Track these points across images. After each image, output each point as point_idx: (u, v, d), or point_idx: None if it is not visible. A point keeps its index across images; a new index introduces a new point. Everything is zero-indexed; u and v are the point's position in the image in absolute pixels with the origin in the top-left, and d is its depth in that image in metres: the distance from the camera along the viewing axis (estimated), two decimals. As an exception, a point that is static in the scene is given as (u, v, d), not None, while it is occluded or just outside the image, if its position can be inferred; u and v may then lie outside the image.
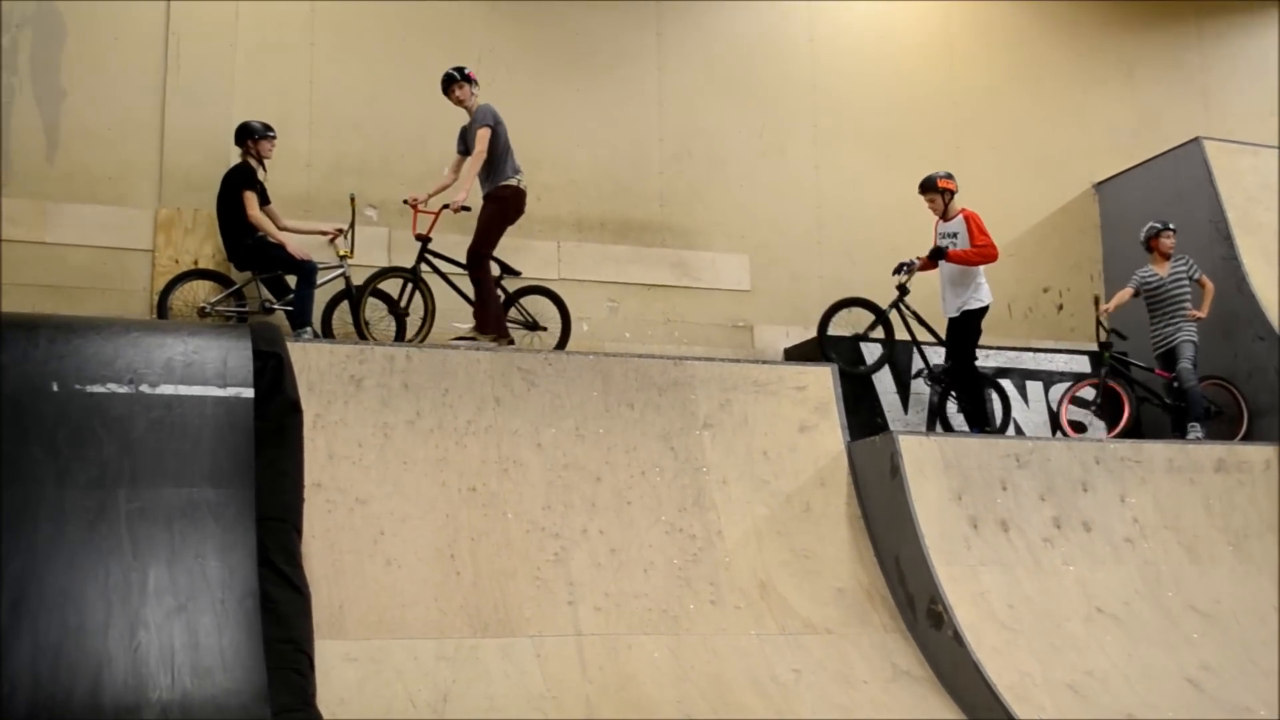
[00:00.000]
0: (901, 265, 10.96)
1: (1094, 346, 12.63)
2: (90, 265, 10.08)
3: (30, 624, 5.86)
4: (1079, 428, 11.48)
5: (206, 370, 7.17)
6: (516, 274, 10.46)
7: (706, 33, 12.40)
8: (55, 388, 6.74)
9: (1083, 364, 12.39)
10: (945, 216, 10.78)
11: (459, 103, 10.07)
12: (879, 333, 11.08)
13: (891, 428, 10.98)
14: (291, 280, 9.92)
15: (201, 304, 9.78)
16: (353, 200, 10.31)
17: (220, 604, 6.28)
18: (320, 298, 9.96)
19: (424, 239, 10.15)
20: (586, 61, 11.90)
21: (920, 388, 11.54)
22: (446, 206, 9.97)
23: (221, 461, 6.85)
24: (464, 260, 9.99)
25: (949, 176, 10.80)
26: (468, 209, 9.91)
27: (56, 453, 6.50)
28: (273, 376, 7.29)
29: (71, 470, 6.47)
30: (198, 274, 9.99)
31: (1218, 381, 11.62)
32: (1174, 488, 9.95)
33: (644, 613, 8.17)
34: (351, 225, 10.26)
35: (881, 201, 12.55)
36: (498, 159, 9.95)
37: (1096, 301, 11.65)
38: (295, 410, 7.37)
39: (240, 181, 9.89)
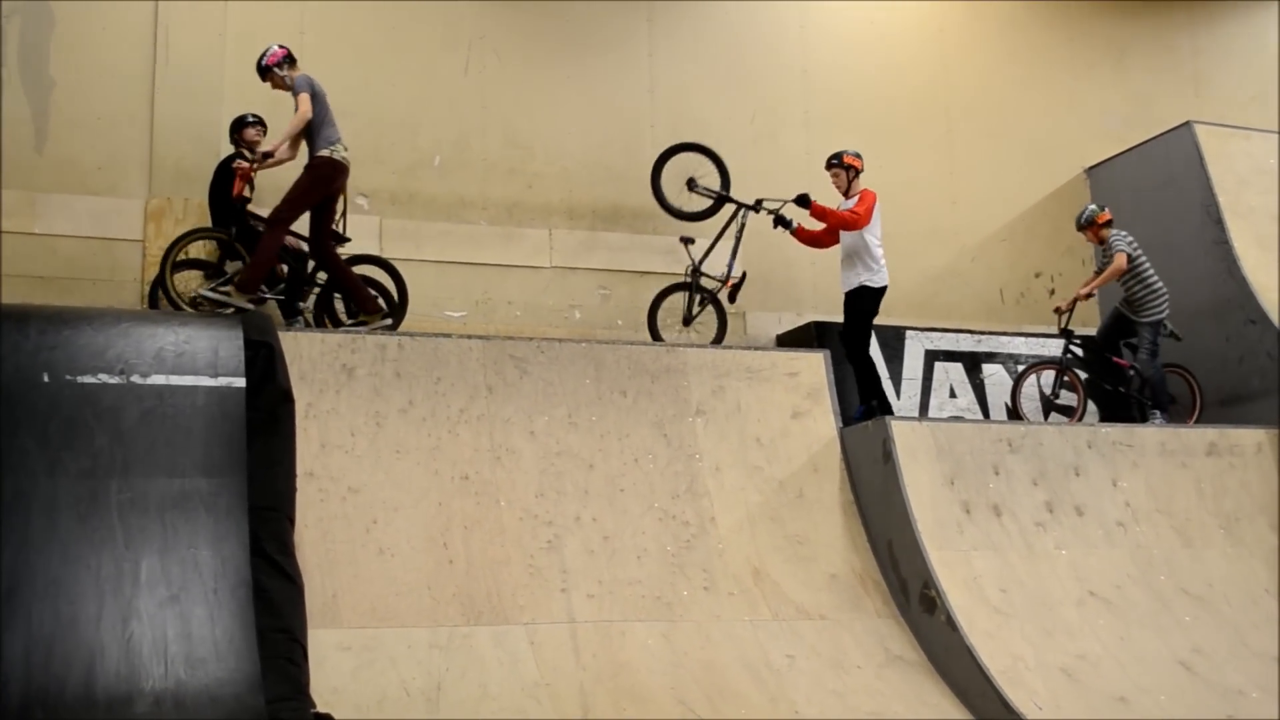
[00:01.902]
0: (778, 220, 10.66)
1: (1089, 331, 12.67)
2: (80, 256, 10.06)
3: (23, 615, 5.87)
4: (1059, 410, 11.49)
5: (198, 360, 7.17)
6: (346, 240, 9.98)
7: (697, 19, 12.38)
8: (46, 378, 6.73)
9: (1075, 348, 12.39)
10: (847, 194, 10.60)
11: (280, 87, 9.64)
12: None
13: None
14: (283, 269, 9.91)
15: (193, 294, 9.76)
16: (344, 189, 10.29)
17: (213, 594, 6.28)
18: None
19: (243, 200, 9.66)
20: (577, 48, 11.88)
21: (913, 373, 11.56)
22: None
23: (214, 451, 6.86)
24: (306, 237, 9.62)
25: (856, 155, 10.65)
26: (271, 155, 9.41)
27: (48, 443, 6.50)
28: (264, 366, 7.29)
29: (63, 461, 6.47)
30: (188, 264, 9.95)
31: (1174, 368, 11.61)
32: (1166, 471, 9.97)
33: (637, 600, 8.18)
34: (343, 214, 10.23)
35: (873, 186, 12.47)
36: (314, 128, 9.42)
37: (1072, 302, 11.49)
38: (287, 399, 7.37)
39: (227, 168, 9.89)
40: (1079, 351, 11.45)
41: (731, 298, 10.68)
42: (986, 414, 11.71)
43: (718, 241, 10.66)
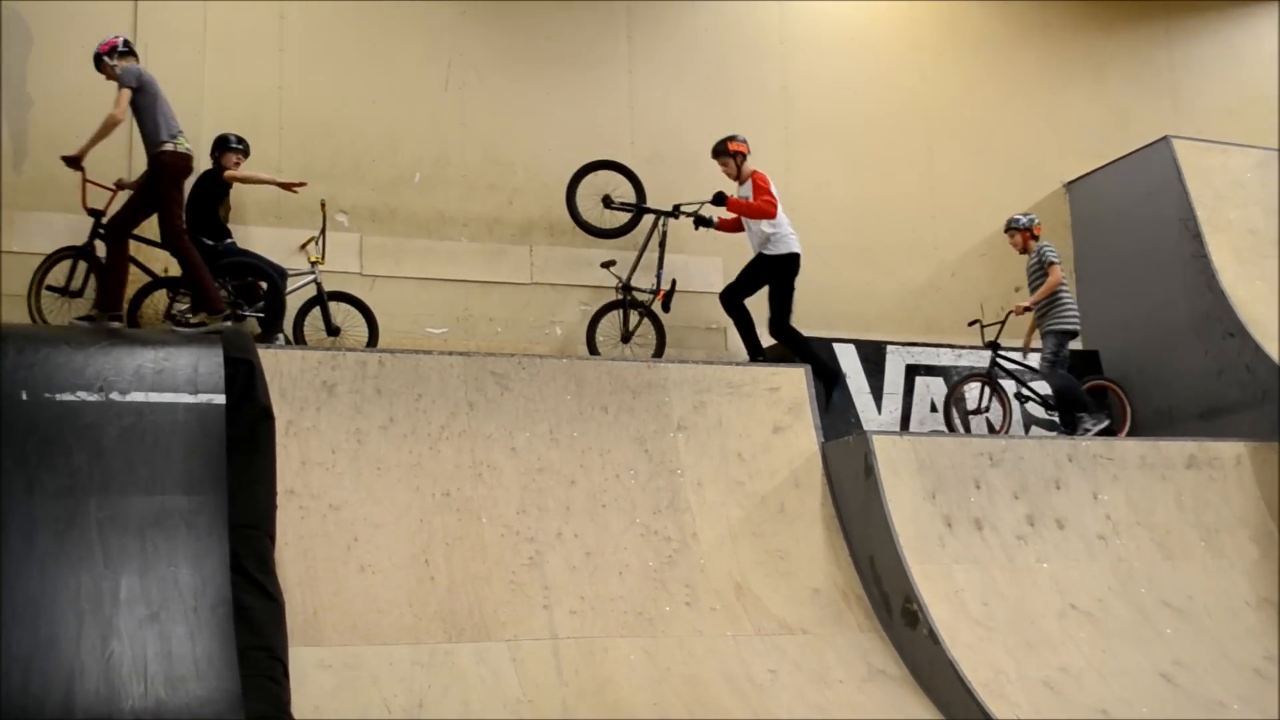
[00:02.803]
0: (699, 221, 11.04)
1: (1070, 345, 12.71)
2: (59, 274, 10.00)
3: (1, 635, 5.83)
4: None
5: (177, 377, 7.15)
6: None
7: (677, 35, 12.41)
8: (24, 396, 6.70)
9: (1055, 362, 12.43)
10: (739, 180, 10.90)
11: (111, 77, 9.41)
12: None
13: (865, 428, 11.00)
14: (263, 286, 9.90)
15: (172, 312, 9.74)
16: (323, 206, 10.29)
17: (193, 612, 6.25)
18: (292, 304, 9.93)
19: (97, 214, 9.56)
20: (557, 64, 11.89)
21: (894, 388, 11.58)
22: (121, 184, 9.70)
23: (193, 469, 6.83)
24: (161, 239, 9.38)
25: (740, 139, 10.90)
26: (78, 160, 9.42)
27: (26, 462, 6.46)
28: (244, 383, 7.27)
29: (41, 479, 6.44)
30: (168, 282, 9.94)
31: (1105, 382, 11.62)
32: (1146, 484, 10.00)
33: (620, 615, 8.18)
34: (323, 231, 10.24)
35: (853, 202, 12.58)
36: (150, 123, 9.12)
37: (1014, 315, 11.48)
38: (267, 417, 7.36)
39: (216, 191, 9.89)
40: (1006, 364, 11.46)
41: (665, 307, 10.92)
42: (967, 428, 11.72)
43: (643, 254, 10.99)
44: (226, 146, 10.01)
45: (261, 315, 9.77)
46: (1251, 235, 12.20)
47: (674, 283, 11.00)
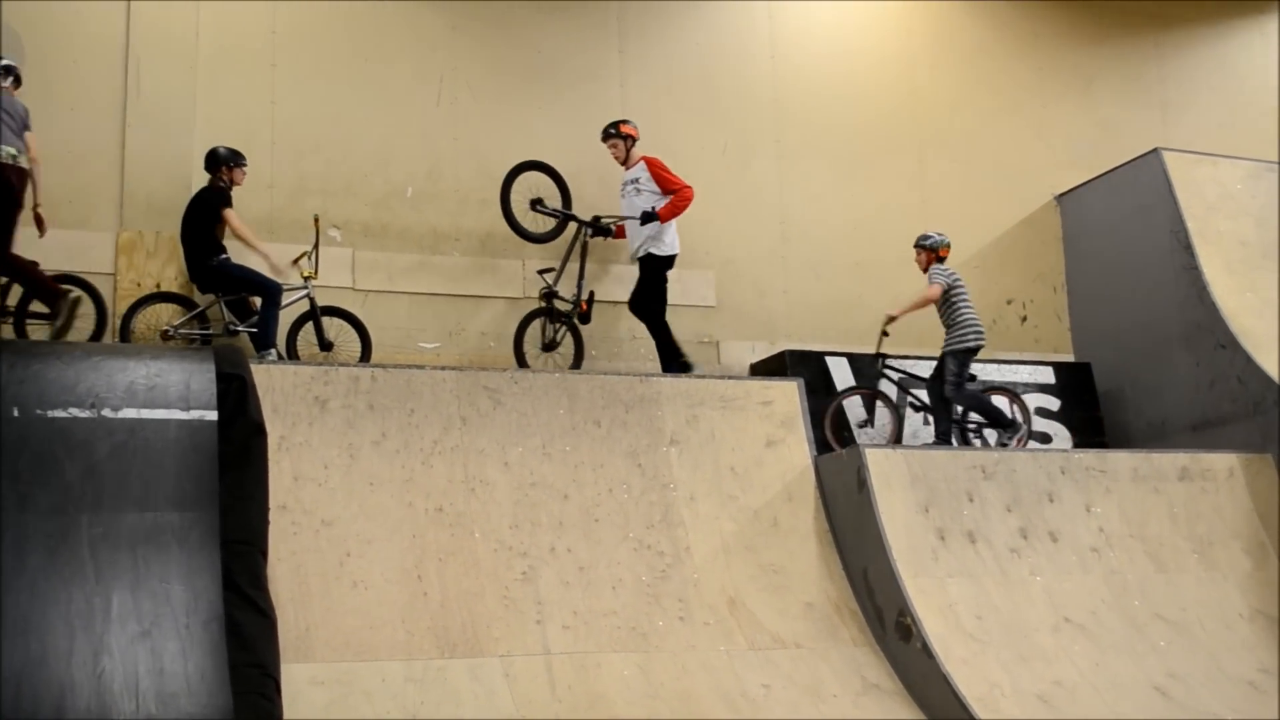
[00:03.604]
0: (601, 229, 11.10)
1: (1062, 357, 12.74)
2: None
3: (-7, 652, 5.81)
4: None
5: (170, 393, 7.13)
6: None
7: (668, 49, 12.42)
8: (16, 413, 6.68)
9: (1047, 375, 12.45)
10: (626, 164, 10.92)
11: None
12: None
13: (858, 441, 11.00)
14: (256, 302, 9.90)
15: (164, 327, 9.74)
16: (316, 221, 10.29)
17: (185, 629, 6.23)
18: (284, 319, 9.92)
19: None
20: (549, 79, 11.90)
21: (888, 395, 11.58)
22: None
23: (185, 485, 6.81)
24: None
25: (629, 122, 10.96)
26: None
27: (17, 478, 6.44)
28: (236, 399, 7.25)
29: (33, 495, 6.42)
30: (160, 297, 9.94)
31: (998, 389, 11.54)
32: (1139, 497, 10.01)
33: (613, 630, 8.16)
34: (315, 246, 10.23)
35: (845, 216, 12.60)
36: None
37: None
38: (260, 432, 7.34)
39: (218, 201, 9.88)
40: (893, 375, 11.29)
41: (584, 319, 10.91)
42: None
43: (566, 263, 10.97)
44: (222, 162, 10.00)
45: (254, 330, 9.77)
46: (1242, 247, 12.23)
47: (592, 294, 10.99)
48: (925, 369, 11.50)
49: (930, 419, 11.18)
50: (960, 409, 10.89)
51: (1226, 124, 14.31)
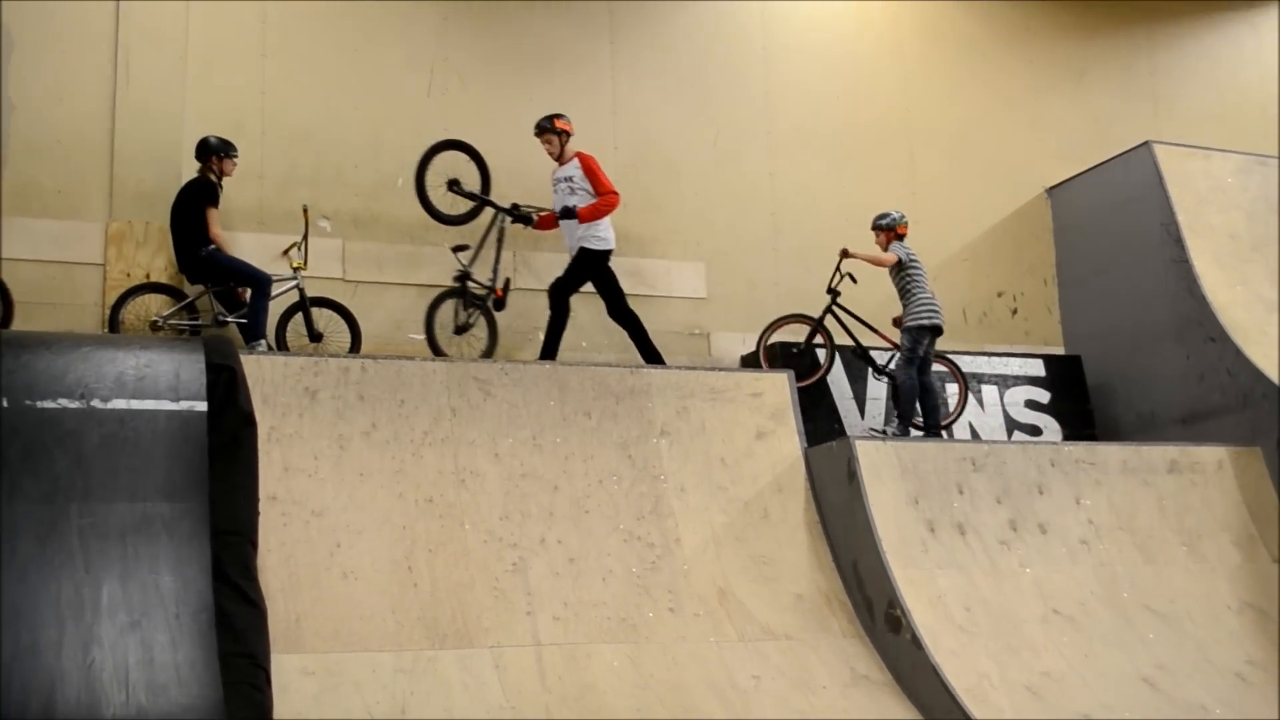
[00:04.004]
0: (522, 217, 10.83)
1: (1052, 350, 12.74)
2: (40, 280, 9.97)
3: (-19, 642, 5.80)
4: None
5: (159, 384, 7.10)
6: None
7: (660, 41, 12.42)
8: (5, 403, 6.66)
9: (1037, 367, 12.47)
10: (560, 160, 10.71)
11: None
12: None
13: (848, 433, 11.01)
14: (245, 293, 9.89)
15: (154, 318, 9.73)
16: (305, 211, 10.27)
17: (175, 619, 6.21)
18: (274, 310, 9.91)
19: None
20: (539, 70, 11.89)
21: (877, 393, 11.59)
22: None
23: (175, 476, 6.78)
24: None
25: (564, 118, 10.73)
26: None
27: (7, 468, 6.42)
28: (226, 390, 7.22)
29: (22, 486, 6.39)
30: (150, 287, 9.92)
31: (942, 359, 11.34)
32: (1128, 489, 10.03)
33: (603, 621, 8.17)
34: (305, 237, 10.22)
35: (836, 208, 12.60)
36: None
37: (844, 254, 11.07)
38: (249, 423, 7.31)
39: (203, 197, 9.85)
40: (840, 314, 11.13)
41: (499, 305, 10.69)
42: (950, 433, 11.75)
43: (483, 244, 10.75)
44: (212, 151, 9.98)
45: (244, 321, 9.75)
46: (1232, 240, 12.26)
47: (508, 281, 10.82)
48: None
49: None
50: (897, 382, 10.78)
51: (1217, 117, 14.35)
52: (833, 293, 11.11)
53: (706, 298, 12.01)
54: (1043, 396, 12.30)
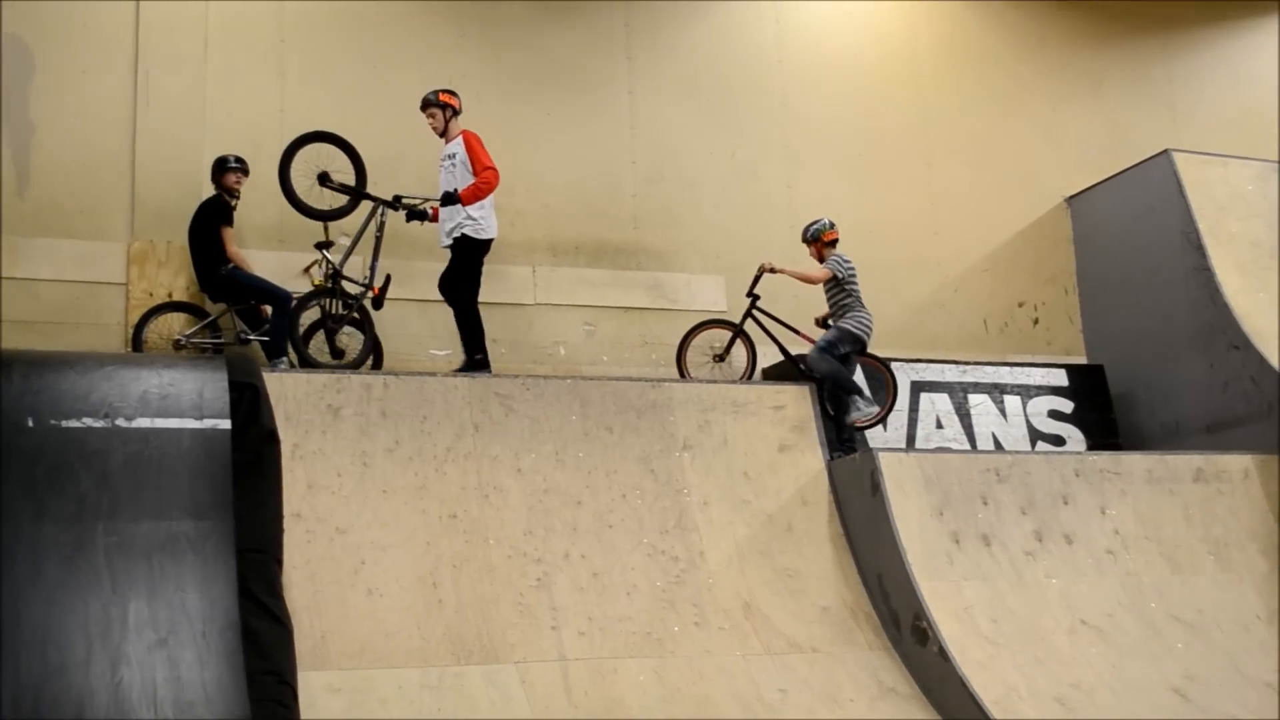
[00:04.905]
0: (417, 214, 10.30)
1: (1074, 360, 12.69)
2: (63, 300, 10.02)
3: (10, 662, 5.80)
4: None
5: (183, 403, 7.11)
6: None
7: (677, 55, 12.43)
8: (30, 423, 6.68)
9: (1060, 377, 12.42)
10: (446, 136, 10.35)
11: None
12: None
13: (870, 445, 10.97)
14: (267, 310, 9.91)
15: (177, 336, 9.75)
16: (326, 229, 10.28)
17: (201, 637, 6.21)
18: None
19: None
20: (557, 85, 11.91)
21: (899, 404, 11.55)
22: None
23: (200, 494, 6.79)
24: None
25: (451, 93, 10.36)
26: None
27: (33, 488, 6.43)
28: (249, 407, 7.23)
29: (48, 505, 6.41)
30: (172, 306, 9.95)
31: (870, 359, 11.03)
32: (1154, 498, 9.98)
33: (628, 636, 8.15)
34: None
35: (854, 219, 12.51)
36: None
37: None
38: (273, 441, 7.32)
39: (217, 216, 9.89)
40: (760, 317, 10.91)
41: (377, 304, 10.19)
42: (973, 444, 11.71)
43: (358, 241, 10.26)
44: (225, 168, 10.02)
45: (265, 339, 9.77)
46: (1254, 247, 12.21)
47: (388, 278, 10.21)
48: (926, 370, 11.53)
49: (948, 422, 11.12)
50: (819, 374, 10.47)
51: (1236, 124, 14.31)
52: (752, 296, 10.93)
53: (726, 311, 11.97)
54: (1066, 406, 12.25)
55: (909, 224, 12.84)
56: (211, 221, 9.91)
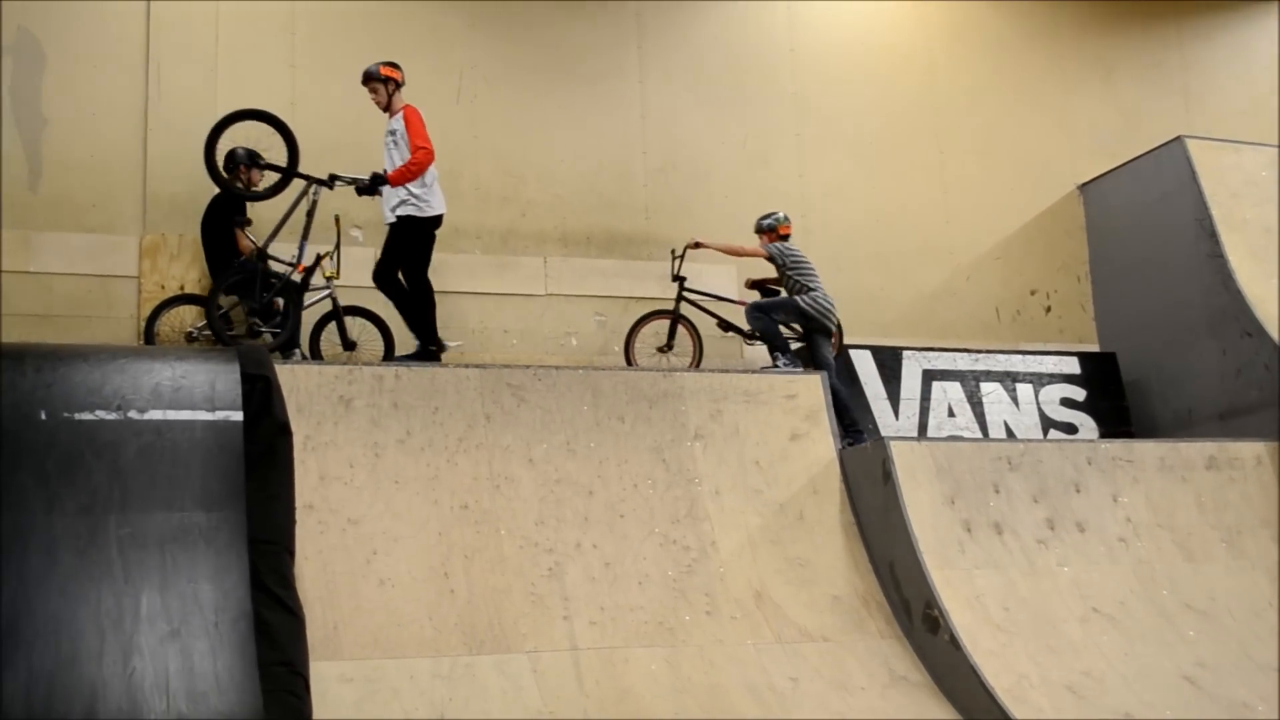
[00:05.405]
0: (361, 189, 10.05)
1: (1087, 347, 12.68)
2: (76, 293, 10.07)
3: (23, 653, 5.84)
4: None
5: (195, 394, 7.14)
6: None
7: (688, 45, 12.43)
8: (43, 416, 6.71)
9: (1072, 365, 12.41)
10: (388, 109, 10.22)
11: None
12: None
13: (882, 434, 10.98)
14: (279, 303, 9.93)
15: (189, 329, 9.78)
16: (337, 221, 10.29)
17: (214, 628, 6.25)
18: (307, 319, 9.95)
19: None
20: (568, 76, 11.92)
21: (911, 393, 11.55)
22: None
23: (212, 485, 6.82)
24: None
25: (393, 65, 10.21)
26: None
27: (46, 480, 6.47)
28: (261, 399, 7.26)
29: (61, 497, 6.45)
30: (184, 299, 9.98)
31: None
32: (1166, 486, 9.95)
33: (640, 625, 8.16)
34: (337, 246, 10.25)
35: (866, 208, 12.58)
36: None
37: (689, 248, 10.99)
38: (285, 432, 7.35)
39: (230, 210, 9.91)
40: (692, 298, 11.02)
41: (304, 285, 10.02)
42: (985, 432, 11.71)
43: (286, 220, 10.01)
44: (239, 163, 10.04)
45: (277, 331, 9.79)
46: (1267, 234, 12.17)
47: (318, 258, 10.05)
48: (938, 358, 11.54)
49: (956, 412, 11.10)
50: (753, 330, 10.70)
51: (1249, 111, 14.25)
52: (679, 279, 10.98)
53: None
54: (1078, 394, 12.24)
55: (920, 212, 12.83)
56: (224, 215, 9.94)
